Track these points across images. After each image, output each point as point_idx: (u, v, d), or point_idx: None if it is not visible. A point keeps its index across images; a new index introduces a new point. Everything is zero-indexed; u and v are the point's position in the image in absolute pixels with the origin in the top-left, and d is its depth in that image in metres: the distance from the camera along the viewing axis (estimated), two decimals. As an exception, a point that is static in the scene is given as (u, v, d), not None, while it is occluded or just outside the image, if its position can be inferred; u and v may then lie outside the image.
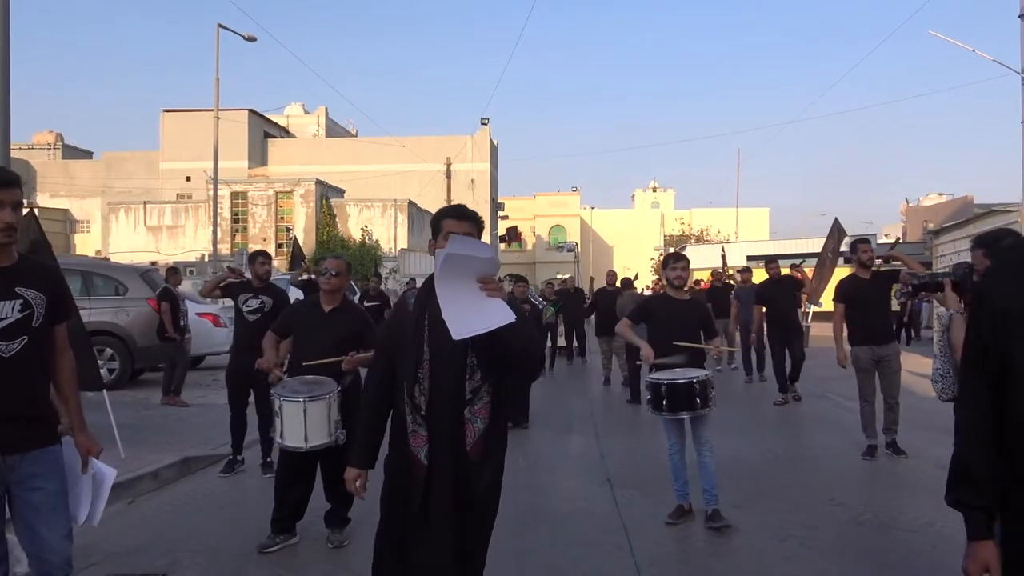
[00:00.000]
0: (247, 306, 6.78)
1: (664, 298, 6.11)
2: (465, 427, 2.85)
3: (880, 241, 38.18)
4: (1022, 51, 12.82)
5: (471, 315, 2.71)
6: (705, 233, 59.62)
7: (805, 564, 4.77)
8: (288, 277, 18.30)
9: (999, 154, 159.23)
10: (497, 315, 2.73)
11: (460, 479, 2.84)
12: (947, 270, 3.71)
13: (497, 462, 2.97)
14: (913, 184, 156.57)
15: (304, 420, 4.60)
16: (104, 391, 7.34)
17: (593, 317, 16.40)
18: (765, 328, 11.43)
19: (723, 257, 18.35)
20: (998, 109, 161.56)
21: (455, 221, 2.97)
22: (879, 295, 7.50)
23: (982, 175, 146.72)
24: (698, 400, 5.34)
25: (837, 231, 13.23)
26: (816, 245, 16.24)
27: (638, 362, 5.90)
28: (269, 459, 6.96)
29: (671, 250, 46.11)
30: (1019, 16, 11.57)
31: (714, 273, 16.06)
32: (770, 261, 11.67)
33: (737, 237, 46.74)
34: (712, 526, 5.31)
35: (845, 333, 7.60)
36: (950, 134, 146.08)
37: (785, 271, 12.05)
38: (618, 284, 13.43)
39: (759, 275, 13.40)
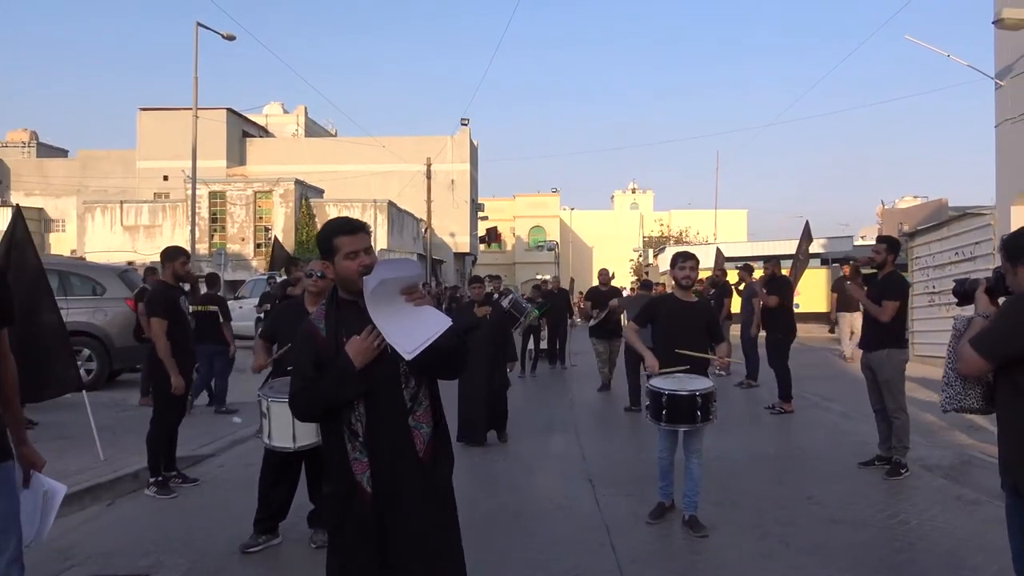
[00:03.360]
0: (188, 309, 6.54)
1: (670, 299, 5.91)
2: (413, 435, 2.83)
3: (857, 243, 38.60)
4: (996, 57, 13.05)
5: (413, 330, 2.70)
6: (684, 235, 59.95)
7: (783, 561, 4.84)
8: (266, 276, 18.23)
9: (973, 158, 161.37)
10: (436, 323, 2.74)
11: (419, 488, 2.81)
12: (987, 274, 3.50)
13: (449, 459, 2.97)
14: (889, 186, 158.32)
15: (292, 421, 4.59)
16: (84, 392, 7.29)
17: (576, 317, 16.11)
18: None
19: (717, 258, 18.18)
20: (972, 113, 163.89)
21: (351, 237, 2.84)
22: (874, 298, 6.97)
23: (957, 178, 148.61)
24: (699, 413, 5.24)
25: (807, 234, 13.52)
26: (793, 247, 16.42)
27: (644, 371, 5.76)
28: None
29: (651, 251, 45.75)
30: (993, 23, 11.76)
31: (714, 274, 15.46)
32: (770, 260, 11.71)
33: (716, 239, 47.01)
34: (690, 533, 5.31)
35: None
36: (926, 137, 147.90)
37: (786, 271, 11.93)
38: (614, 284, 13.12)
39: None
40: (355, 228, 2.88)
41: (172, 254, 6.58)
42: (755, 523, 5.56)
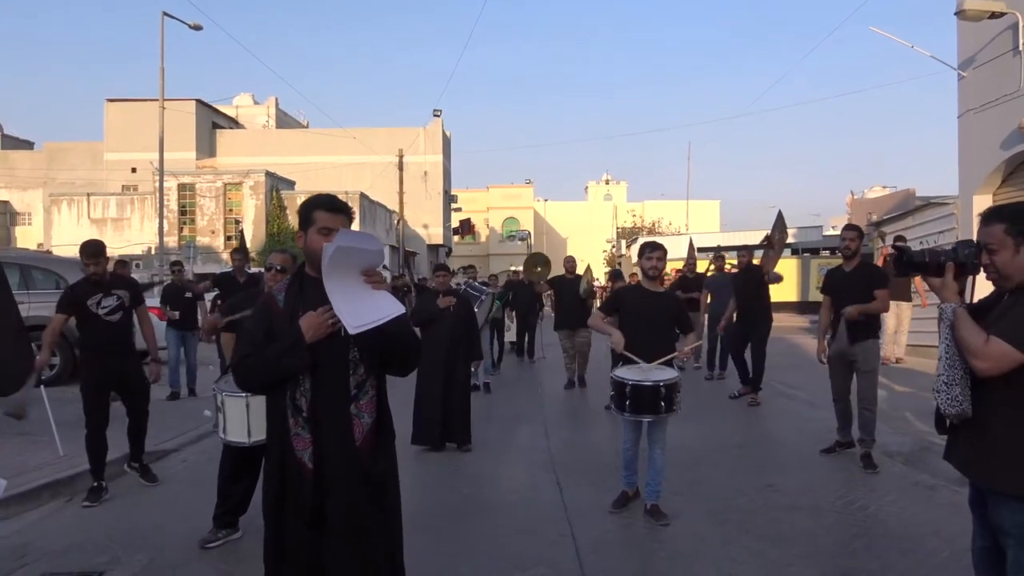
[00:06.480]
0: (102, 308, 6.19)
1: (637, 289, 5.92)
2: (352, 422, 2.83)
3: (826, 233, 38.97)
4: (958, 48, 13.17)
5: (363, 308, 2.71)
6: (657, 225, 60.26)
7: (743, 548, 4.88)
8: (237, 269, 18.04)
9: (939, 148, 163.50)
10: (387, 307, 2.75)
11: (354, 475, 2.81)
12: (948, 248, 2.95)
13: (389, 452, 2.96)
14: (859, 176, 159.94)
15: (247, 415, 4.56)
16: (42, 387, 7.18)
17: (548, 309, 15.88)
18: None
19: (690, 248, 18.17)
20: (938, 104, 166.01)
21: (329, 214, 2.87)
22: (854, 289, 6.76)
23: (925, 168, 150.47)
24: (663, 404, 5.22)
25: (780, 224, 13.55)
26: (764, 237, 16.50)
27: (612, 347, 5.76)
28: (141, 464, 6.61)
29: (624, 242, 45.77)
30: (955, 14, 11.86)
31: (686, 263, 15.17)
32: (742, 249, 11.66)
33: (688, 229, 47.29)
34: (651, 521, 5.34)
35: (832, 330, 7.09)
36: (896, 127, 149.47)
37: (757, 261, 11.85)
38: (579, 272, 12.29)
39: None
40: (336, 207, 2.90)
41: (92, 250, 6.21)
42: (716, 511, 5.61)
